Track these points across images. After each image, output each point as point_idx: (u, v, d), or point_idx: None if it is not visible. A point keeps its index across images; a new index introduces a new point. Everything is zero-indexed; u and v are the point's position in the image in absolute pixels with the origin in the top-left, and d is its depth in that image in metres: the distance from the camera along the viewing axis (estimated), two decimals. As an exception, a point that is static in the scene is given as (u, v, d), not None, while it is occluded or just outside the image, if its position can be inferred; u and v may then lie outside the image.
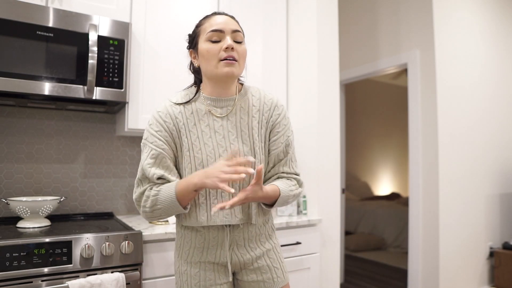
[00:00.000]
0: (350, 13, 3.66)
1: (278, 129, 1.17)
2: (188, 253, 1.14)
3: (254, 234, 1.16)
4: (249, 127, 1.14)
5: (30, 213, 1.55)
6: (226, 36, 1.07)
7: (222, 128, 1.12)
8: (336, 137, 2.19)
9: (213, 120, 1.12)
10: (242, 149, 1.12)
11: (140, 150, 2.12)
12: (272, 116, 1.17)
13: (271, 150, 1.17)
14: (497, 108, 3.42)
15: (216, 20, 1.09)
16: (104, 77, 1.66)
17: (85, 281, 1.27)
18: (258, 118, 1.16)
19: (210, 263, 1.13)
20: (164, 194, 1.05)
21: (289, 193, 1.15)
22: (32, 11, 1.51)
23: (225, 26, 1.08)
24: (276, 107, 1.18)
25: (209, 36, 1.08)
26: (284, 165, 1.18)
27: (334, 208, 2.15)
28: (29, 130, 1.86)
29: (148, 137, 1.11)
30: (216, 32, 1.07)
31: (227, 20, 1.10)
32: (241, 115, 1.14)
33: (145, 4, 1.85)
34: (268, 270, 1.17)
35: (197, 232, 1.12)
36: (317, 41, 2.14)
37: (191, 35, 1.16)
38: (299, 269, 1.90)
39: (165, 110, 1.12)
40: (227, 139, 1.12)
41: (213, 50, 1.07)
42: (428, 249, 2.85)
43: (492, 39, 3.42)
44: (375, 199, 6.18)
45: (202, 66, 1.12)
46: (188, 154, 1.10)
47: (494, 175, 3.36)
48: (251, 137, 1.13)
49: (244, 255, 1.14)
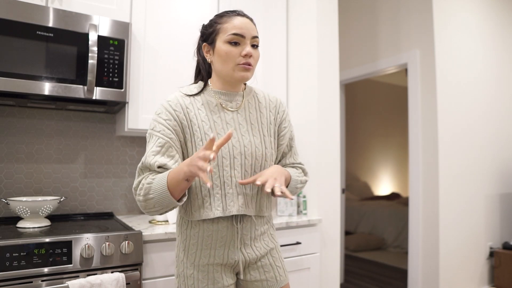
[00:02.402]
0: (350, 13, 3.66)
1: (285, 125, 1.24)
2: (195, 255, 1.11)
3: (259, 233, 1.17)
4: (258, 121, 1.18)
5: (30, 213, 1.55)
6: (246, 41, 1.09)
7: (233, 121, 1.14)
8: (336, 137, 2.19)
9: (224, 113, 1.14)
10: (253, 141, 1.14)
11: (140, 150, 2.12)
12: (279, 113, 1.24)
13: (279, 145, 1.24)
14: (497, 108, 3.43)
15: (238, 23, 1.09)
16: (104, 77, 1.66)
17: (85, 281, 1.27)
18: (265, 114, 1.21)
19: (218, 265, 1.11)
20: (157, 182, 0.99)
21: (297, 178, 1.22)
22: (32, 11, 1.51)
23: (246, 31, 1.09)
24: (281, 105, 1.26)
25: (230, 39, 1.08)
26: (289, 157, 1.27)
27: (334, 208, 2.15)
28: (29, 130, 1.86)
29: (156, 126, 1.08)
30: (237, 36, 1.08)
31: (248, 24, 1.10)
32: (250, 110, 1.18)
33: (145, 4, 1.85)
34: (271, 269, 1.17)
35: (204, 234, 1.10)
36: (317, 41, 2.14)
37: (208, 30, 1.14)
38: (299, 269, 1.90)
39: (175, 100, 1.11)
40: (239, 131, 1.13)
41: (232, 54, 1.08)
42: (428, 249, 2.85)
43: (491, 39, 3.42)
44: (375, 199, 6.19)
45: (217, 65, 1.12)
46: (201, 144, 1.09)
47: (494, 175, 3.36)
48: (261, 131, 1.18)
49: (250, 254, 1.14)
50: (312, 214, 2.10)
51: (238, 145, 1.11)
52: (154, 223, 1.74)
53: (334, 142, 2.18)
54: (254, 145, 1.13)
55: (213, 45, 1.13)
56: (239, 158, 1.10)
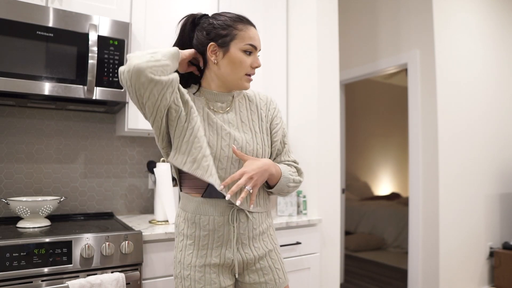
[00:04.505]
0: (350, 13, 3.67)
1: (276, 122, 1.24)
2: (192, 256, 1.11)
3: (258, 233, 1.16)
4: (249, 119, 1.19)
5: (30, 213, 1.55)
6: (256, 53, 1.15)
7: (222, 119, 1.15)
8: (336, 137, 2.19)
9: (214, 113, 1.15)
10: (244, 137, 1.14)
11: (140, 150, 2.12)
12: (269, 110, 1.24)
13: (273, 142, 1.23)
14: (497, 108, 3.43)
15: (253, 34, 1.13)
16: (104, 77, 1.66)
17: (85, 281, 1.27)
18: (256, 112, 1.22)
19: (215, 265, 1.11)
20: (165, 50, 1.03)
21: (290, 177, 1.19)
22: (32, 11, 1.51)
23: (259, 43, 1.15)
24: (271, 102, 1.26)
25: (246, 48, 1.12)
26: (284, 155, 1.25)
27: (334, 208, 2.15)
28: (29, 130, 1.86)
29: None
30: (252, 47, 1.13)
31: (258, 35, 1.16)
32: (240, 109, 1.19)
33: (145, 4, 1.85)
34: (270, 271, 1.16)
35: (201, 232, 1.11)
36: (317, 41, 2.14)
37: (221, 31, 1.11)
38: (299, 269, 1.90)
39: None
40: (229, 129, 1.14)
41: (246, 64, 1.12)
42: (428, 249, 2.85)
43: (491, 39, 3.42)
44: (375, 199, 6.19)
45: (224, 69, 1.12)
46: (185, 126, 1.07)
47: (494, 175, 3.36)
48: (252, 128, 1.18)
49: (248, 255, 1.13)
50: (312, 214, 2.10)
51: (228, 138, 1.11)
52: (154, 223, 1.74)
53: (334, 142, 2.18)
54: (244, 140, 1.14)
55: (225, 48, 1.11)
56: (226, 150, 1.10)
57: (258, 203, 1.17)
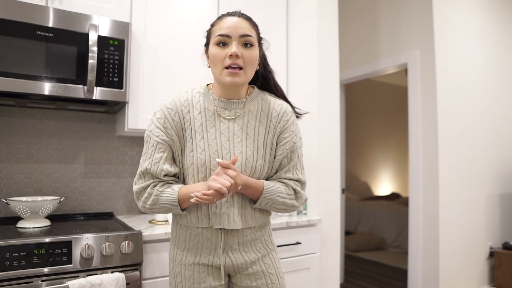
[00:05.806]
0: (350, 13, 3.66)
1: (285, 135, 1.15)
2: (183, 254, 1.13)
3: (249, 239, 1.14)
4: (255, 131, 1.13)
5: (30, 213, 1.55)
6: (232, 42, 1.05)
7: (228, 130, 1.11)
8: (336, 137, 2.19)
9: (220, 122, 1.11)
10: (245, 152, 1.11)
11: (140, 150, 2.12)
12: (280, 122, 1.15)
13: (276, 156, 1.15)
14: (497, 107, 3.42)
15: (225, 23, 1.06)
16: (104, 77, 1.66)
17: (85, 281, 1.27)
18: (265, 124, 1.15)
19: (204, 265, 1.12)
20: (166, 197, 1.08)
21: (276, 197, 1.12)
22: (32, 11, 1.51)
23: (233, 31, 1.05)
24: (285, 113, 1.16)
25: (217, 40, 1.06)
26: (287, 172, 1.16)
27: (334, 208, 2.15)
28: (29, 130, 1.86)
29: (154, 130, 1.10)
30: (223, 37, 1.05)
31: (236, 23, 1.06)
32: (248, 119, 1.13)
33: (145, 4, 1.85)
34: (263, 276, 1.15)
35: (191, 234, 1.12)
36: (317, 41, 2.14)
37: (207, 33, 1.15)
38: (299, 269, 1.90)
39: (174, 107, 1.11)
40: (232, 142, 1.11)
41: (219, 56, 1.06)
42: (428, 249, 2.85)
43: (491, 39, 3.42)
44: (375, 199, 6.18)
45: (211, 69, 1.11)
46: (191, 155, 1.09)
47: (494, 175, 3.36)
48: (256, 142, 1.13)
49: (238, 259, 1.12)
50: (312, 214, 2.10)
51: (229, 157, 1.09)
52: (154, 223, 1.74)
53: (334, 142, 2.18)
54: (245, 156, 1.10)
55: (207, 50, 1.13)
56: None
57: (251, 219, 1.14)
